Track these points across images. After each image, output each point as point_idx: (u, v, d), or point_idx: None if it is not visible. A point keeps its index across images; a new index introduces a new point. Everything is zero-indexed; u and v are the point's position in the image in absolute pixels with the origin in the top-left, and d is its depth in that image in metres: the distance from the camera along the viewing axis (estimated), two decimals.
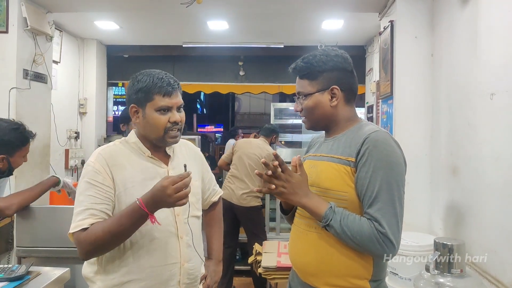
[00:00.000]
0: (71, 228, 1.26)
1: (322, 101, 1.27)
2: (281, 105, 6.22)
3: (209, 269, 1.58)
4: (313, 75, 1.27)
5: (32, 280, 1.48)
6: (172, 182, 1.19)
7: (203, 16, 3.91)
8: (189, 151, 1.56)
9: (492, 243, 1.90)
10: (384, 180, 1.15)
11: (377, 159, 1.16)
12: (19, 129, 1.96)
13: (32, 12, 3.20)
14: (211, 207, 1.71)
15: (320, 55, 1.28)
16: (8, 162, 1.93)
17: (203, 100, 15.76)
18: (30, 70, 3.23)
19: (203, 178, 1.59)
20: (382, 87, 3.32)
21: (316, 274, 1.25)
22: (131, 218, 1.23)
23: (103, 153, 1.35)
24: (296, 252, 1.33)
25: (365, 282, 1.22)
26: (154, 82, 1.32)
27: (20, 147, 1.96)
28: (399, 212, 1.16)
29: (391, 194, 1.15)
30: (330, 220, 1.17)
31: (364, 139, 1.18)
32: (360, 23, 4.07)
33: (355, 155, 1.19)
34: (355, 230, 1.14)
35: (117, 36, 4.69)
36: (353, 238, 1.15)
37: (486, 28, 2.04)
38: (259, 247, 2.94)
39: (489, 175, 1.94)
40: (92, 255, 1.29)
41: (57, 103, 4.02)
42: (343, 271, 1.21)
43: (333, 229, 1.17)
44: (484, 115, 2.01)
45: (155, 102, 1.32)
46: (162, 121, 1.33)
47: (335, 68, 1.27)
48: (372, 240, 1.13)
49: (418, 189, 2.73)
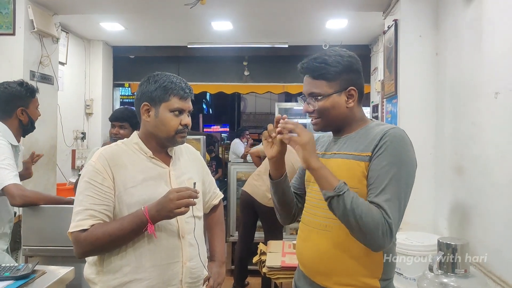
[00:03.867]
0: (70, 227, 1.29)
1: (339, 102, 1.26)
2: (286, 104, 6.23)
3: (212, 271, 1.58)
4: (330, 75, 1.25)
5: (37, 279, 1.50)
6: (177, 190, 1.23)
7: (207, 17, 3.93)
8: (190, 154, 1.58)
9: (496, 243, 1.89)
10: (395, 175, 1.15)
11: (392, 154, 1.16)
12: (23, 83, 2.13)
13: (39, 14, 3.24)
14: (212, 210, 1.71)
15: (334, 56, 1.26)
16: (27, 114, 2.11)
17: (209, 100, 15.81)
18: (36, 71, 3.27)
19: (203, 181, 1.61)
20: (386, 86, 3.31)
21: (326, 273, 1.24)
22: (132, 223, 1.25)
23: (105, 153, 1.36)
24: (305, 251, 1.32)
25: (375, 281, 1.21)
26: (172, 85, 1.37)
27: (31, 98, 2.12)
28: (402, 209, 1.16)
29: (399, 190, 1.15)
30: (344, 192, 1.12)
31: (384, 134, 1.19)
32: (364, 22, 4.06)
33: (371, 150, 1.19)
34: (364, 210, 1.11)
35: (123, 37, 4.73)
36: (359, 218, 1.10)
37: (490, 26, 2.02)
38: (263, 247, 2.94)
39: (494, 174, 1.93)
40: (88, 254, 1.33)
41: (63, 104, 4.07)
42: (353, 270, 1.21)
43: (341, 203, 1.12)
44: (489, 114, 2.00)
45: (171, 103, 1.36)
46: (174, 122, 1.37)
47: (350, 69, 1.26)
48: (377, 225, 1.10)
49: (423, 188, 2.72)
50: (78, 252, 1.29)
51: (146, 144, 1.41)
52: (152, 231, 1.24)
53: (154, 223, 1.25)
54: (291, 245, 2.81)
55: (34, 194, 2.07)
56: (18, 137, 2.13)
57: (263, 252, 2.88)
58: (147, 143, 1.41)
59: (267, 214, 3.59)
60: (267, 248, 2.87)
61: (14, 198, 1.93)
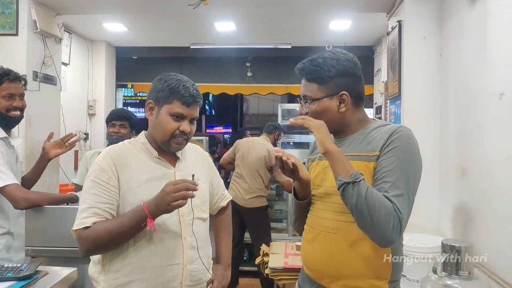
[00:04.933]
0: (74, 225, 1.29)
1: (330, 107, 1.25)
2: (288, 105, 6.20)
3: (217, 273, 1.58)
4: (322, 79, 1.24)
5: (40, 280, 1.50)
6: (174, 182, 1.21)
7: (210, 18, 3.93)
8: (198, 155, 1.56)
9: (501, 245, 1.87)
10: (404, 171, 1.15)
11: (401, 150, 1.16)
12: None
13: (42, 14, 3.25)
14: (220, 211, 1.71)
15: (330, 59, 1.25)
16: None
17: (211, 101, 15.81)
18: (39, 72, 3.27)
19: (211, 183, 1.59)
20: (390, 87, 3.29)
21: (334, 276, 1.23)
22: (132, 220, 1.24)
23: (111, 152, 1.37)
24: (312, 254, 1.30)
25: (384, 283, 1.20)
26: (178, 88, 1.34)
27: None
28: (411, 205, 1.15)
29: (408, 187, 1.15)
30: (360, 179, 1.10)
31: (392, 132, 1.19)
32: (368, 23, 4.05)
33: (379, 149, 1.18)
34: (378, 200, 1.08)
35: (126, 38, 4.74)
36: (372, 208, 1.07)
37: (495, 28, 2.01)
38: (266, 248, 2.93)
39: (498, 176, 1.92)
40: (92, 252, 1.33)
41: (66, 105, 4.07)
42: (362, 272, 1.19)
43: (356, 190, 1.09)
44: (493, 116, 1.99)
45: (172, 106, 1.34)
46: (171, 126, 1.35)
47: (345, 73, 1.25)
48: (389, 217, 1.08)
49: (427, 190, 2.70)
50: (81, 249, 1.29)
51: (152, 144, 1.41)
52: (151, 226, 1.23)
53: (153, 218, 1.24)
54: (294, 246, 2.80)
55: (37, 195, 2.02)
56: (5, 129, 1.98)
57: (266, 254, 2.87)
58: (153, 143, 1.41)
59: (251, 215, 3.67)
60: (270, 249, 2.87)
61: (18, 201, 1.86)
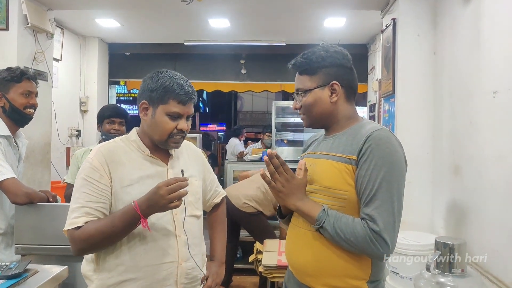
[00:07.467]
0: (66, 224, 1.27)
1: (322, 97, 1.26)
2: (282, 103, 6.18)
3: (211, 271, 1.56)
4: (312, 70, 1.27)
5: (29, 278, 1.47)
6: (166, 184, 1.19)
7: (204, 14, 3.90)
8: (191, 152, 1.54)
9: (493, 243, 1.88)
10: (384, 179, 1.13)
11: (379, 157, 1.15)
12: (12, 68, 2.04)
13: (33, 9, 3.20)
14: (214, 208, 1.69)
15: (319, 51, 1.27)
16: (7, 100, 1.97)
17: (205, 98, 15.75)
18: (30, 67, 3.22)
19: (204, 179, 1.58)
20: (384, 85, 3.30)
21: (313, 274, 1.23)
22: (123, 220, 1.22)
23: (102, 150, 1.34)
24: (293, 251, 1.31)
25: (362, 283, 1.20)
26: (173, 87, 1.31)
27: (12, 83, 1.99)
28: (397, 211, 1.15)
29: (391, 193, 1.14)
30: (323, 222, 1.16)
31: (367, 137, 1.17)
32: (362, 21, 4.05)
33: (356, 153, 1.18)
34: (348, 232, 1.13)
35: (119, 34, 4.69)
36: (347, 240, 1.14)
37: (488, 26, 2.02)
38: (260, 246, 2.93)
39: (491, 174, 1.92)
40: (85, 252, 1.31)
41: (58, 101, 4.03)
42: (340, 271, 1.20)
43: (326, 232, 1.16)
44: (486, 114, 1.99)
45: (168, 106, 1.31)
46: (169, 126, 1.32)
47: (334, 63, 1.26)
48: (366, 241, 1.12)
49: (420, 188, 2.71)
50: (74, 249, 1.28)
51: (144, 142, 1.39)
52: (146, 226, 1.22)
53: (146, 217, 1.22)
54: None
55: (32, 191, 1.96)
56: (12, 128, 2.00)
57: (259, 251, 2.86)
58: (145, 141, 1.39)
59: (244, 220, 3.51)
60: (263, 247, 2.86)
61: (18, 196, 1.83)
